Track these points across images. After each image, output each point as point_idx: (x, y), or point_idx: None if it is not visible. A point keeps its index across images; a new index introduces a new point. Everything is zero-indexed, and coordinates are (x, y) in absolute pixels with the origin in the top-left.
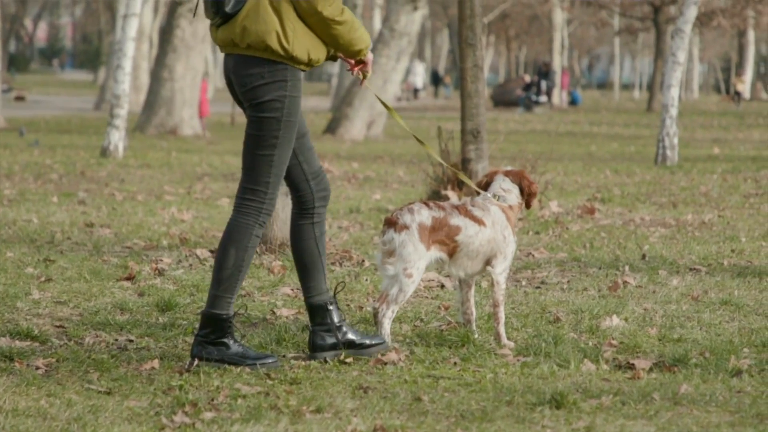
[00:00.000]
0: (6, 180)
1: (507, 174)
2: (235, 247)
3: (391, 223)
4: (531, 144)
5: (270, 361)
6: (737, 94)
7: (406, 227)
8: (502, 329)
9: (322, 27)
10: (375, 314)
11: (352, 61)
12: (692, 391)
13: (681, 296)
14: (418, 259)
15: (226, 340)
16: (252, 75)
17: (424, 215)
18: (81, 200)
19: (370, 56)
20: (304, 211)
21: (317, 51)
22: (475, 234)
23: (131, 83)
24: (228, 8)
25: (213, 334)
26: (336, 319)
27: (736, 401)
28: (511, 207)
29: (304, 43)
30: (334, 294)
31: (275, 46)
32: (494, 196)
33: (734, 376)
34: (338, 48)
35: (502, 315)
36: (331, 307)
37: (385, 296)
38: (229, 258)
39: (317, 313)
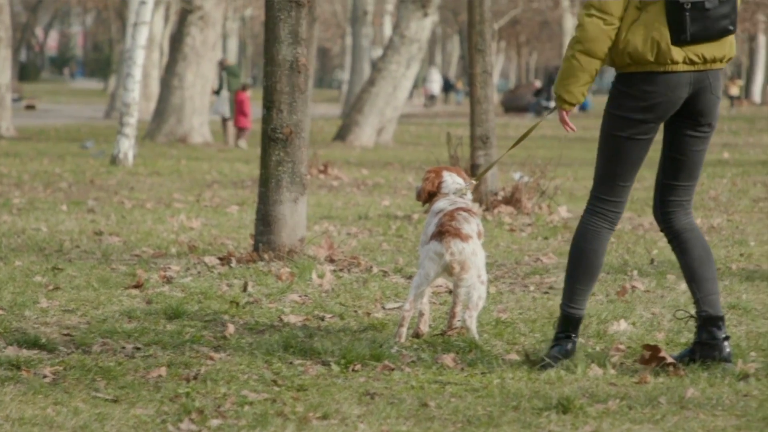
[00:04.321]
0: (15, 189)
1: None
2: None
3: (456, 235)
4: (541, 149)
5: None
6: (731, 98)
7: (470, 237)
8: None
9: None
10: (451, 326)
11: None
12: (699, 395)
13: (689, 301)
14: (484, 264)
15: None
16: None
17: (474, 224)
18: (90, 208)
19: None
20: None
21: None
22: None
23: (141, 91)
24: (734, 26)
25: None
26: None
27: (743, 405)
28: None
29: None
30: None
31: None
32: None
33: (741, 380)
34: None
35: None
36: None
37: (469, 305)
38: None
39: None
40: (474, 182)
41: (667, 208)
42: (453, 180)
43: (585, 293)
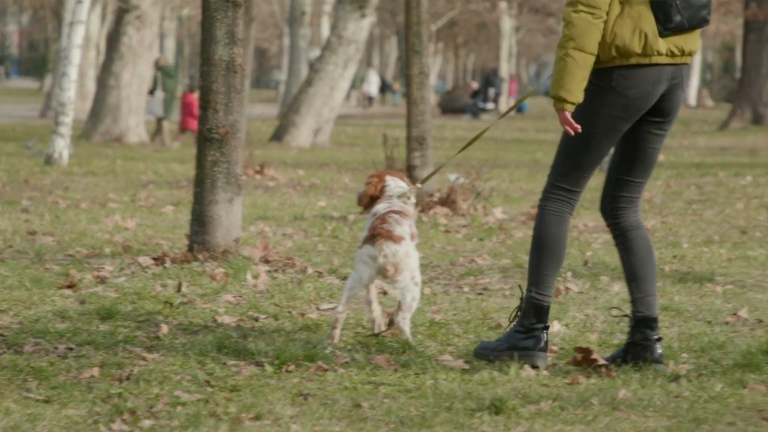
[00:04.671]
0: None
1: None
2: None
3: (389, 237)
4: (477, 151)
5: None
6: None
7: (403, 238)
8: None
9: None
10: (392, 323)
11: None
12: (630, 396)
13: (622, 302)
14: (418, 266)
15: None
16: None
17: (406, 225)
18: (24, 208)
19: None
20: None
21: None
22: None
23: (77, 91)
24: (709, 16)
25: None
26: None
27: (674, 406)
28: None
29: None
30: None
31: None
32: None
33: (672, 381)
34: None
35: None
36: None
37: (402, 307)
38: None
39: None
40: (419, 186)
41: (617, 203)
42: (396, 184)
43: (553, 279)
